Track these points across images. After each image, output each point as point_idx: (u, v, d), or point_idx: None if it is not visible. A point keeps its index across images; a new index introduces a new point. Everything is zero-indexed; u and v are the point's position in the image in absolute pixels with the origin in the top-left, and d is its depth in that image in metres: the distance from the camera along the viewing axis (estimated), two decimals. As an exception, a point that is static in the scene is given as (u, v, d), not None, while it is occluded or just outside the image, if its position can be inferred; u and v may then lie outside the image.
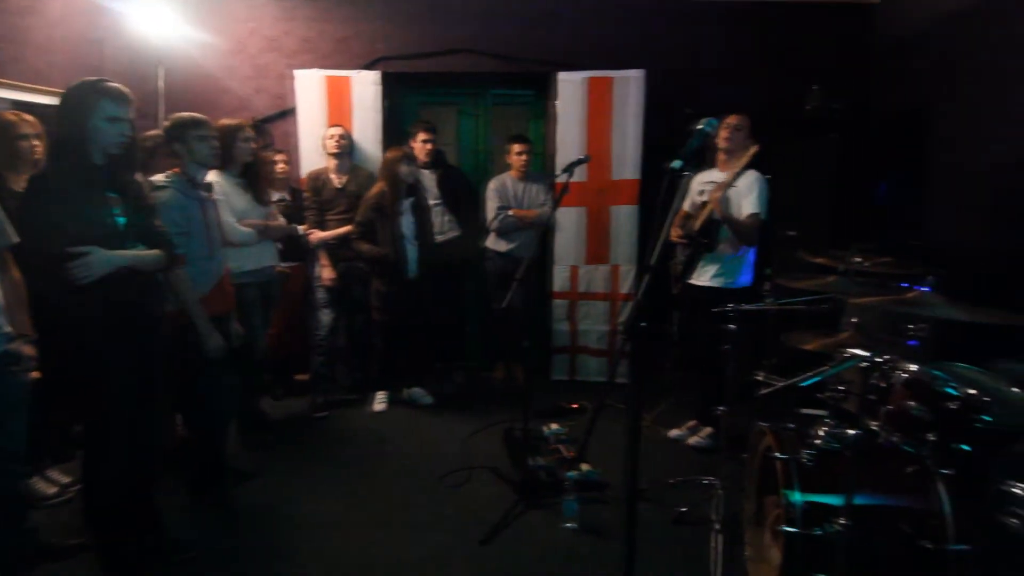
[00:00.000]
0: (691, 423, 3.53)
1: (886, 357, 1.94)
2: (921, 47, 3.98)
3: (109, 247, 2.08)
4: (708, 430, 3.38)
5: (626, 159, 4.20)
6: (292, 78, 4.17)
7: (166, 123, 2.67)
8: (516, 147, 4.13)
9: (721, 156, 3.25)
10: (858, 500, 1.80)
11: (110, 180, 2.16)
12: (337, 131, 3.88)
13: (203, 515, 2.75)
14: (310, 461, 3.27)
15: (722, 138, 3.18)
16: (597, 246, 4.32)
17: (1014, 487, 1.70)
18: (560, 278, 4.37)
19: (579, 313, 4.40)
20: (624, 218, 4.26)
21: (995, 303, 2.04)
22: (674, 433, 3.54)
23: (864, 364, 1.87)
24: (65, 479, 2.86)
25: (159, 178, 2.60)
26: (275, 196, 3.71)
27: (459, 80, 4.55)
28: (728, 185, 2.99)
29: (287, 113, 4.30)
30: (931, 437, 1.82)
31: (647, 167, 4.15)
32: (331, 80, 4.15)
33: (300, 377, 4.23)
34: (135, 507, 2.33)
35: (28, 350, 2.08)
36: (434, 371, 4.28)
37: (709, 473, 2.84)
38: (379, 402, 3.95)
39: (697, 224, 3.20)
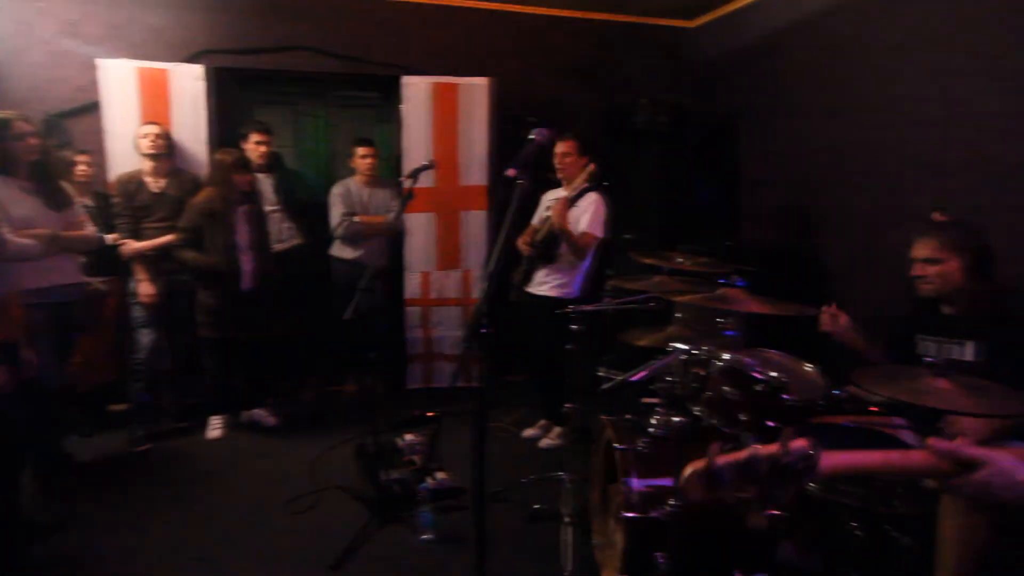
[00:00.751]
0: (542, 423, 3.64)
1: (703, 348, 2.13)
2: (727, 67, 4.49)
3: None
4: (558, 429, 3.51)
5: (474, 165, 4.24)
6: (96, 68, 3.67)
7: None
8: (361, 151, 3.99)
9: (563, 179, 3.39)
10: (686, 481, 1.95)
11: None
12: (153, 129, 3.48)
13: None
14: (129, 504, 2.87)
15: (556, 166, 3.32)
16: (448, 252, 4.31)
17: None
18: (412, 285, 4.30)
19: (433, 320, 4.36)
20: (474, 224, 4.30)
21: (791, 296, 2.34)
22: (528, 433, 3.63)
23: (683, 356, 2.03)
24: None
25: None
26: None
27: (296, 79, 4.30)
28: (570, 203, 3.13)
29: (90, 108, 3.77)
30: (743, 417, 2.02)
31: (495, 174, 4.23)
32: (145, 73, 3.71)
33: (116, 408, 3.73)
34: None
35: None
36: (277, 390, 3.99)
37: (561, 469, 2.93)
38: (214, 428, 3.60)
39: (539, 237, 3.32)
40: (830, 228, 3.61)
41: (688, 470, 1.05)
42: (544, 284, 3.38)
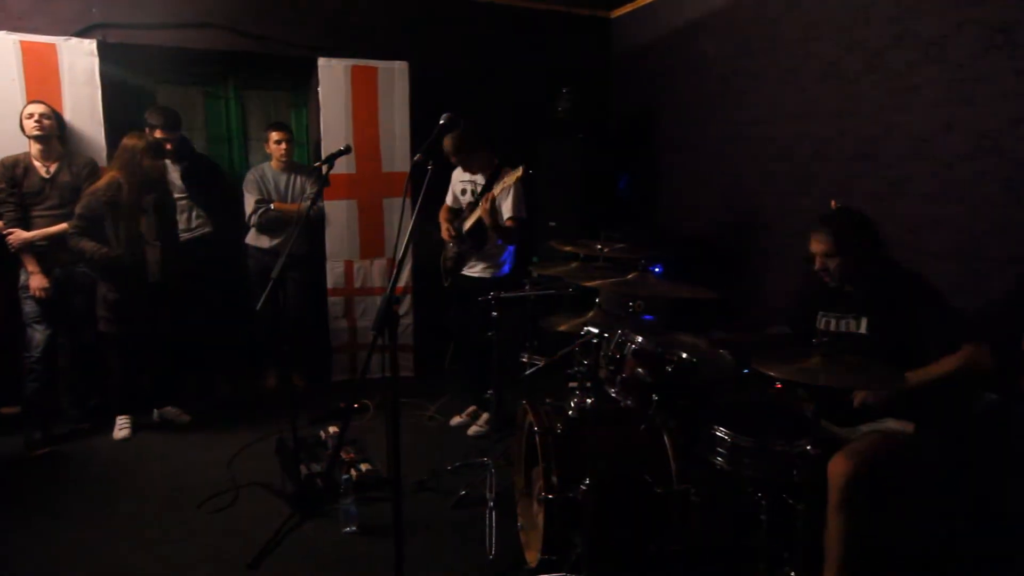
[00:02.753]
0: (470, 409, 3.66)
1: (618, 332, 2.20)
2: (647, 58, 4.60)
3: None
4: (486, 416, 3.53)
5: (395, 151, 4.16)
6: (-29, 41, 3.33)
7: None
8: (275, 135, 3.82)
9: (459, 163, 3.38)
10: (601, 461, 2.02)
11: None
12: (38, 108, 3.19)
13: None
14: (27, 514, 2.66)
15: (458, 164, 3.35)
16: (371, 239, 4.22)
17: (717, 431, 2.04)
18: (334, 274, 4.19)
19: (357, 309, 4.27)
20: (397, 211, 4.22)
21: (705, 282, 2.45)
22: (455, 421, 3.63)
23: (595, 340, 2.09)
24: None
25: None
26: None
27: (202, 59, 4.06)
28: (494, 197, 3.13)
29: (-35, 84, 3.42)
30: (655, 397, 2.10)
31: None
32: (29, 47, 3.40)
33: (7, 411, 3.45)
34: None
35: None
36: (190, 385, 3.80)
37: (486, 454, 2.96)
38: (121, 428, 3.38)
39: (467, 227, 3.32)
40: (742, 215, 3.79)
41: None
42: (476, 267, 3.41)
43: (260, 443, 3.32)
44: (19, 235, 3.14)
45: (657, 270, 3.46)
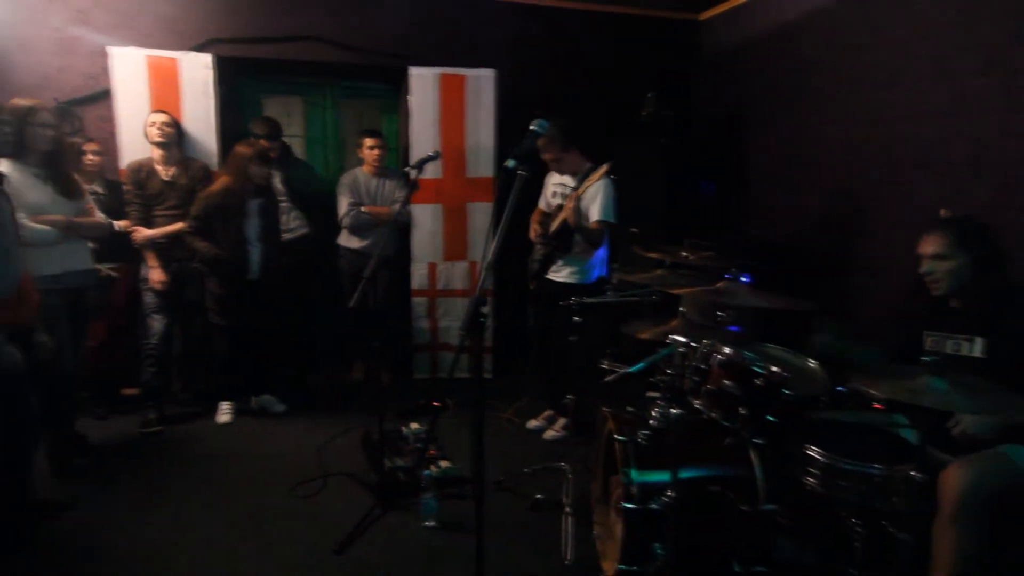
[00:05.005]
0: (547, 413, 3.67)
1: (704, 342, 2.15)
2: (737, 60, 4.46)
3: None
4: (563, 420, 3.53)
5: (480, 157, 4.25)
6: (107, 56, 3.70)
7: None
8: (369, 141, 4.01)
9: (551, 165, 3.41)
10: (684, 473, 1.97)
11: None
12: (161, 117, 3.50)
13: (3, 559, 2.37)
14: (140, 485, 2.94)
15: (550, 164, 3.35)
16: (455, 243, 4.33)
17: (809, 450, 1.95)
18: (419, 275, 4.32)
19: (439, 310, 4.39)
20: (481, 215, 4.31)
21: (796, 292, 2.35)
22: (532, 424, 3.66)
23: (683, 349, 2.05)
24: None
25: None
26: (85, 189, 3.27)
27: (304, 69, 4.32)
28: (578, 196, 3.14)
29: (102, 95, 3.81)
30: (743, 411, 2.03)
31: (501, 165, 4.23)
32: (155, 61, 3.74)
33: (129, 392, 3.79)
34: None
35: None
36: (286, 376, 4.04)
37: (563, 459, 2.96)
38: (224, 413, 3.65)
39: (553, 228, 3.33)
40: (838, 224, 3.60)
41: None
42: (562, 271, 3.40)
43: (347, 434, 3.47)
44: (142, 233, 3.45)
45: (744, 279, 3.34)
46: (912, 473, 1.70)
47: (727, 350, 2.10)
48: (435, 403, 3.93)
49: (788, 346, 2.53)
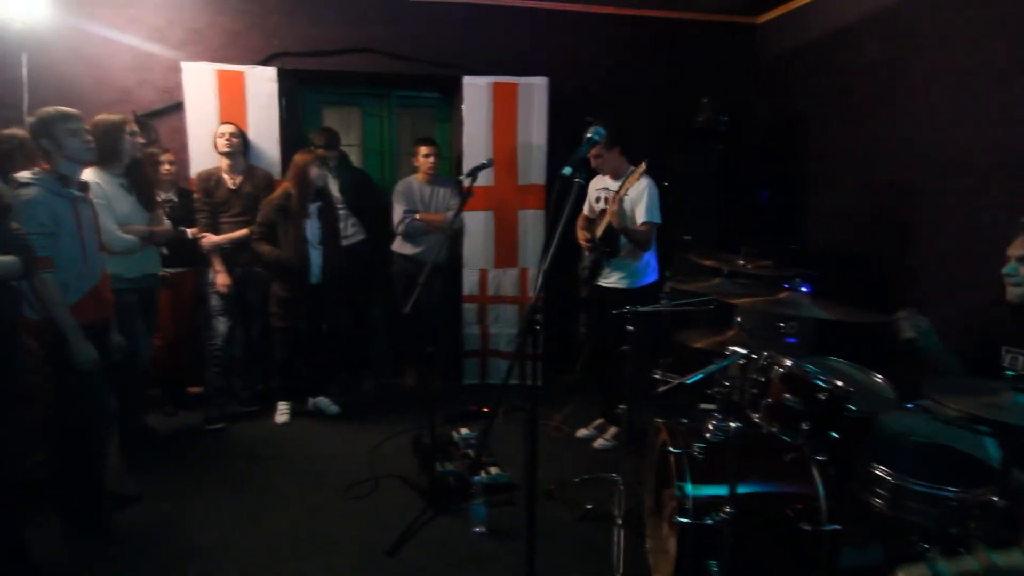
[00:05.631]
0: (597, 422, 3.63)
1: (764, 353, 2.09)
2: (795, 64, 4.33)
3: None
4: (613, 430, 3.49)
5: (532, 164, 4.27)
6: (180, 71, 3.90)
7: (30, 118, 2.43)
8: (423, 149, 4.08)
9: (594, 163, 3.38)
10: (742, 489, 1.92)
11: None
12: (228, 128, 3.67)
13: (78, 545, 2.51)
14: (202, 480, 3.07)
15: (593, 161, 3.33)
16: (506, 250, 4.36)
17: (876, 469, 1.86)
18: (470, 282, 4.37)
19: (489, 317, 4.42)
20: (531, 222, 4.33)
21: (859, 302, 2.25)
22: (581, 432, 3.63)
23: (742, 361, 1.99)
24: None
25: (24, 175, 2.37)
26: (161, 197, 3.47)
27: (362, 80, 4.44)
28: (621, 197, 3.11)
29: (175, 108, 4.02)
30: (805, 426, 1.96)
31: (553, 172, 4.24)
32: (223, 75, 3.92)
33: (194, 390, 3.97)
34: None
35: None
36: (340, 379, 4.15)
37: (613, 470, 2.92)
38: (281, 413, 3.78)
39: (598, 232, 3.31)
40: (902, 231, 3.44)
41: None
42: (612, 276, 3.38)
43: (398, 437, 3.53)
44: (210, 239, 3.62)
45: (804, 289, 3.23)
46: (992, 498, 1.61)
47: (788, 362, 2.03)
48: (485, 409, 3.96)
49: (851, 359, 2.43)
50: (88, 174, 2.81)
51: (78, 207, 2.47)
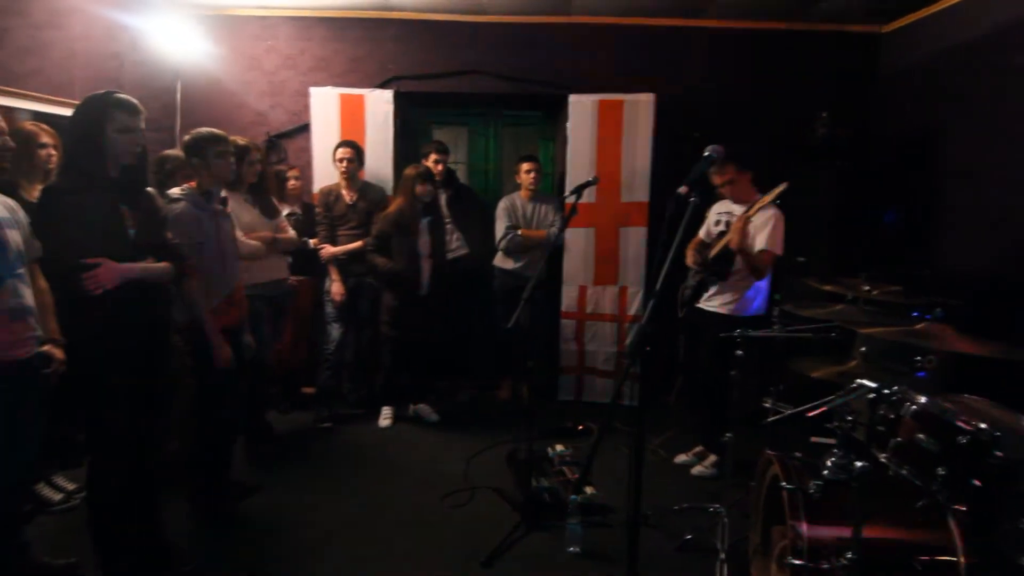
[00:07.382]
0: (697, 449, 3.50)
1: (895, 388, 1.93)
2: (927, 75, 4.00)
3: (119, 259, 2.10)
4: (713, 458, 3.35)
5: (635, 181, 4.22)
6: (308, 95, 4.23)
7: (186, 138, 2.71)
8: (526, 166, 4.16)
9: (724, 189, 3.28)
10: (866, 534, 1.77)
11: (122, 192, 2.19)
12: (345, 153, 3.89)
13: (204, 528, 2.75)
14: (313, 476, 3.26)
15: (720, 187, 3.24)
16: (605, 267, 4.33)
17: (1027, 525, 1.67)
18: (568, 298, 4.37)
19: (587, 334, 4.39)
20: (633, 240, 4.27)
21: (1004, 335, 2.03)
22: (680, 459, 3.51)
23: (871, 395, 1.85)
24: (70, 486, 2.87)
25: (175, 191, 2.64)
26: (287, 210, 3.76)
27: (470, 100, 4.60)
28: (748, 219, 3.00)
29: (302, 129, 4.37)
30: (941, 471, 1.79)
31: (656, 190, 4.17)
32: (345, 98, 4.21)
33: (307, 390, 4.24)
34: (137, 516, 2.32)
35: (58, 353, 2.14)
36: (440, 388, 4.28)
37: (714, 500, 2.80)
38: (384, 417, 3.95)
39: (713, 253, 3.21)
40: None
41: None
42: (714, 299, 3.26)
43: (493, 449, 3.58)
44: (328, 250, 3.87)
45: (928, 318, 2.96)
46: None
47: (922, 399, 1.87)
48: (580, 427, 3.93)
49: (991, 398, 2.19)
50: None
51: (219, 220, 2.72)
